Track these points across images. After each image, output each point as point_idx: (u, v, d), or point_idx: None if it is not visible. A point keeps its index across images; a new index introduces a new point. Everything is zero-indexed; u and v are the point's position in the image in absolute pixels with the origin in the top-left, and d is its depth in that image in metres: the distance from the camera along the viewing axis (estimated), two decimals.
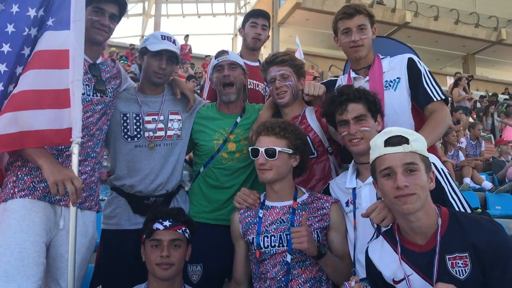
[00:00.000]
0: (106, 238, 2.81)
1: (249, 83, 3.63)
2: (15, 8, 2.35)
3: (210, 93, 3.61)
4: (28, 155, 2.36)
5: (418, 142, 1.88)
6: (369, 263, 2.05)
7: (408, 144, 1.85)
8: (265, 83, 3.32)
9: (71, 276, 2.20)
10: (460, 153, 9.03)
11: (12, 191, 2.35)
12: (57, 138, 2.31)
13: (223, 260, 2.66)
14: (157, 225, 2.37)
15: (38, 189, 2.37)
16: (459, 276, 1.75)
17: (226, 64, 2.90)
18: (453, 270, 1.76)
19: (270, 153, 2.36)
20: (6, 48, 2.32)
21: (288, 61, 2.81)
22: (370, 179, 2.32)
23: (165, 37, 2.83)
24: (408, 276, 1.87)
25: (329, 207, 2.41)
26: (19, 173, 2.39)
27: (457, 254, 1.77)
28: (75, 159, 2.29)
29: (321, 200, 2.43)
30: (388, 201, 1.93)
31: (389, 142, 1.88)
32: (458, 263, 1.77)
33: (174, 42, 2.84)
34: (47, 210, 2.37)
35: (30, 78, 2.30)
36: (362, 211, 2.30)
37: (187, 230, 2.44)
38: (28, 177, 2.38)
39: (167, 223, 2.37)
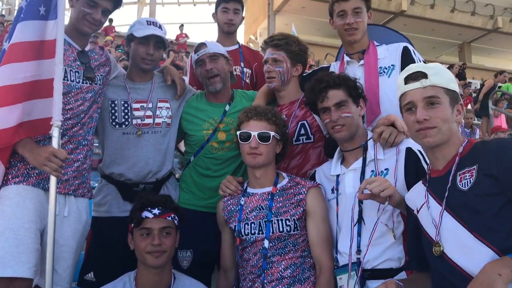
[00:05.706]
0: (96, 226, 2.81)
1: None
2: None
3: (191, 81, 3.55)
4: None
5: (438, 76, 1.88)
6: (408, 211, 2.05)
7: (426, 78, 1.86)
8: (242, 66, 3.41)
9: (50, 262, 2.23)
10: None
11: (6, 177, 2.35)
12: (42, 128, 2.33)
13: (213, 246, 2.68)
14: (146, 214, 2.33)
15: (32, 175, 2.39)
16: (463, 188, 1.75)
17: (206, 57, 2.85)
18: (460, 184, 1.77)
19: (264, 138, 2.37)
20: None
21: (283, 46, 2.74)
22: (354, 165, 2.34)
23: (151, 23, 2.81)
24: (423, 204, 1.91)
25: (305, 192, 2.38)
26: (12, 159, 2.39)
27: (466, 169, 1.77)
28: (55, 142, 2.28)
29: (299, 186, 2.41)
30: (411, 135, 1.99)
31: (408, 79, 1.91)
32: (466, 176, 1.77)
33: (160, 27, 2.82)
34: (41, 197, 2.39)
35: (16, 71, 2.29)
36: (344, 197, 2.31)
37: (176, 217, 2.42)
38: (21, 163, 2.39)
39: (156, 211, 2.34)
